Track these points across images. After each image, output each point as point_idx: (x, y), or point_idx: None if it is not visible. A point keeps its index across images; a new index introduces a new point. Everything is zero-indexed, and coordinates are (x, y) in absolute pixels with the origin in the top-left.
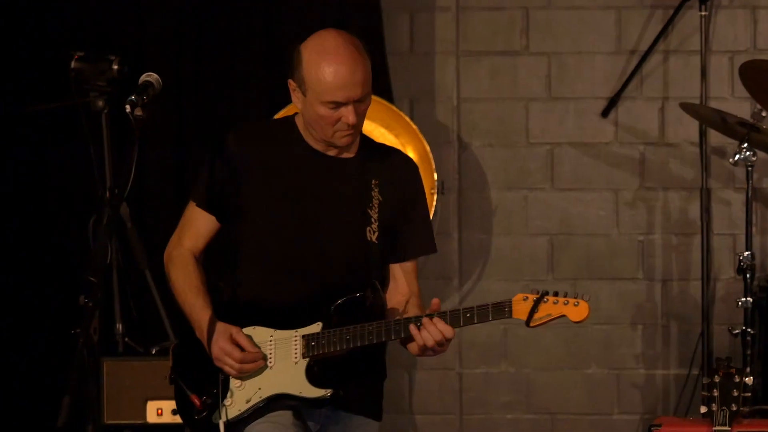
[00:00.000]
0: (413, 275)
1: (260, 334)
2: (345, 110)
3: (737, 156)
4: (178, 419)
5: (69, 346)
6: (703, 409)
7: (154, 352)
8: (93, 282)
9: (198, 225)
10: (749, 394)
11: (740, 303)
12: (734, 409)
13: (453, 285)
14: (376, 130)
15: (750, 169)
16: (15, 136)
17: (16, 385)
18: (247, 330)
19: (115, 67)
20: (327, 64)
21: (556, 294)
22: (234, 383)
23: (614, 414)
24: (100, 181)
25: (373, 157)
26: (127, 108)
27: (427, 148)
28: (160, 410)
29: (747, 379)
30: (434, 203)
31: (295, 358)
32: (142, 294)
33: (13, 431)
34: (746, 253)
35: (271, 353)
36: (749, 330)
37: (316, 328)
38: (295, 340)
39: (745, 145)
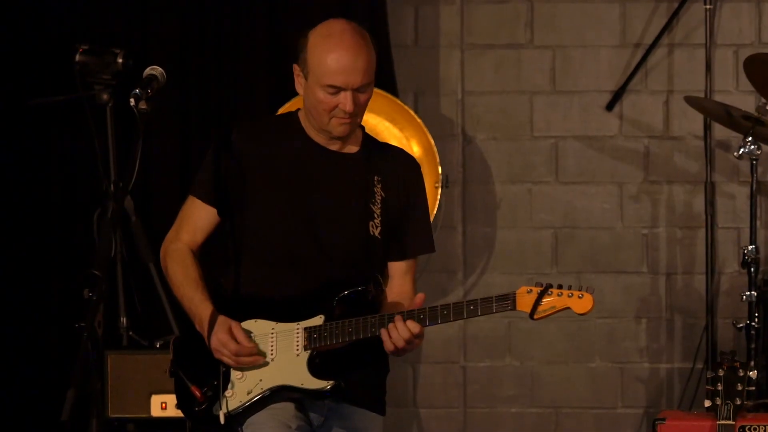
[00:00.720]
0: (411, 275)
1: (262, 326)
2: (343, 96)
3: (742, 149)
4: (182, 413)
5: (73, 340)
6: (707, 403)
7: (158, 346)
8: (97, 275)
9: (196, 219)
10: (753, 388)
11: (744, 297)
12: (738, 403)
13: (457, 278)
14: (380, 124)
15: (754, 162)
16: (19, 130)
17: (21, 379)
18: (249, 322)
19: (120, 60)
20: (330, 47)
21: (560, 287)
22: (235, 375)
23: (618, 408)
24: (104, 175)
25: (376, 154)
26: (132, 101)
27: (432, 141)
28: (164, 404)
29: (751, 372)
30: (438, 197)
31: (297, 350)
32: (146, 288)
33: (18, 424)
34: (750, 247)
35: (272, 345)
36: (753, 324)
37: (318, 320)
38: (297, 333)
39: (750, 138)
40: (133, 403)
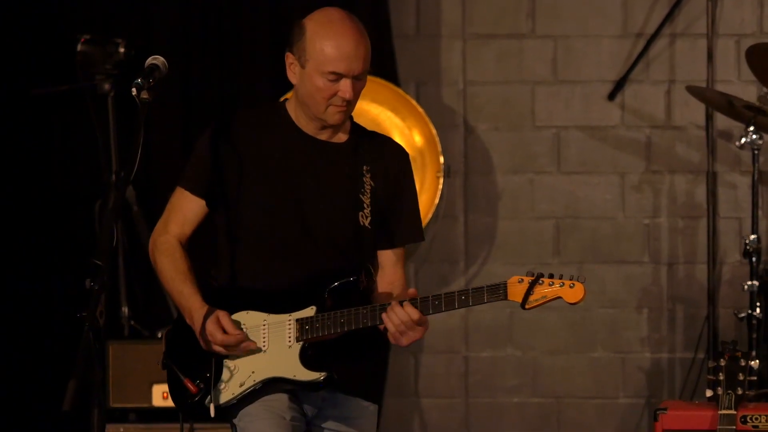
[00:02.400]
0: (400, 263)
1: (253, 318)
2: (343, 83)
3: (743, 139)
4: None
5: (75, 330)
6: (709, 393)
7: (159, 336)
8: (99, 265)
9: (185, 211)
10: (755, 378)
11: (746, 286)
12: (740, 392)
13: (459, 268)
14: (382, 113)
15: (756, 152)
16: (21, 120)
17: (22, 369)
18: (240, 314)
19: (122, 50)
20: (332, 34)
21: (551, 276)
22: (228, 366)
23: (620, 397)
24: (106, 165)
25: (364, 143)
26: (134, 91)
27: (434, 131)
28: (166, 393)
29: (752, 362)
30: (440, 187)
31: (289, 341)
32: (147, 278)
33: (20, 414)
34: (752, 237)
35: (264, 337)
36: (755, 313)
37: (309, 311)
38: (289, 324)
39: (752, 128)
40: (135, 393)
